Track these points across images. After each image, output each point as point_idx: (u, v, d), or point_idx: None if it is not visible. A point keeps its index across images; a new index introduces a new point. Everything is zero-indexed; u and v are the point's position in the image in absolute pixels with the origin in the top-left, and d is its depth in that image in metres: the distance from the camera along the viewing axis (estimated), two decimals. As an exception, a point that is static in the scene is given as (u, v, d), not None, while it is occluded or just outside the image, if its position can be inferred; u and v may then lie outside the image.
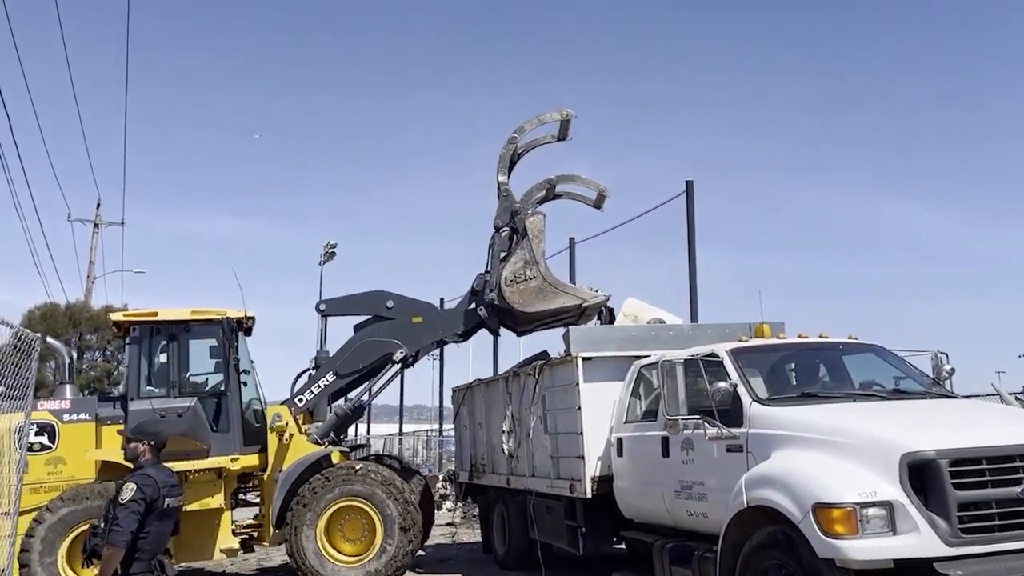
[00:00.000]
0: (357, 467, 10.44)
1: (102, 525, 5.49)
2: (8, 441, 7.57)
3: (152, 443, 5.77)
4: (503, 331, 12.06)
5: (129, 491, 5.39)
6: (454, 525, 15.81)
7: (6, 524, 7.31)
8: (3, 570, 7.16)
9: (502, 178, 11.32)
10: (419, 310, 11.62)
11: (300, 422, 11.06)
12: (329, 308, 11.70)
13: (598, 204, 11.80)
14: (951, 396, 7.41)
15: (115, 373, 31.19)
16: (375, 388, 11.70)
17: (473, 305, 11.40)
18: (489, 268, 11.34)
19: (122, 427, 9.97)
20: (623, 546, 9.78)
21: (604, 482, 8.52)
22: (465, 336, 11.87)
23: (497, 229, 11.29)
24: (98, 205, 33.83)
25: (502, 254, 11.18)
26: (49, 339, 13.50)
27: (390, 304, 11.50)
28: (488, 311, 11.23)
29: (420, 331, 11.44)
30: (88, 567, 5.71)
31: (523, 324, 11.20)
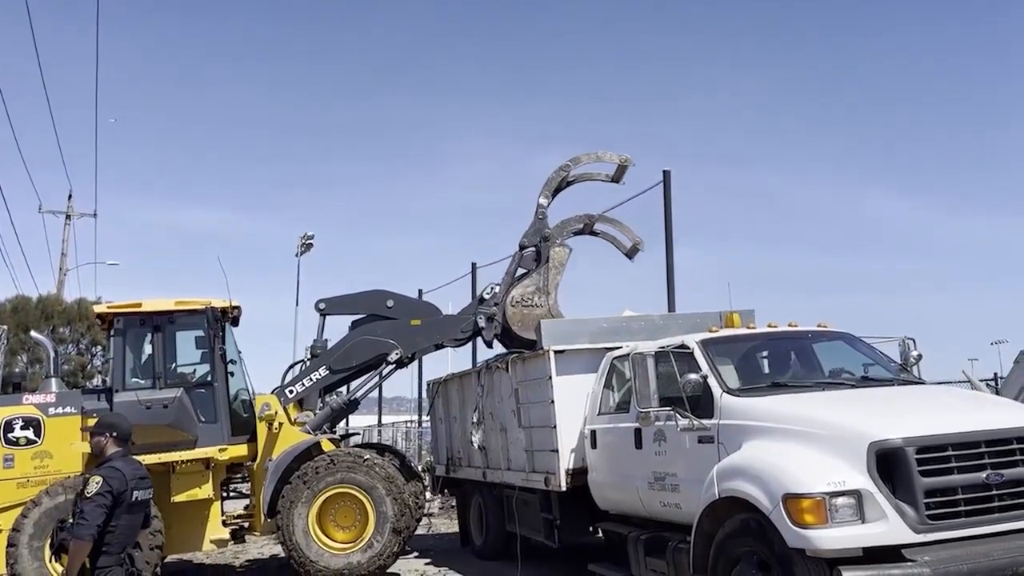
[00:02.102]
0: (365, 456, 10.41)
1: (70, 520, 5.45)
2: None
3: (114, 435, 5.68)
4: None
5: (95, 484, 5.32)
6: (431, 516, 15.80)
7: None
8: None
9: (543, 200, 11.36)
10: (419, 312, 11.70)
11: (290, 412, 11.04)
12: (329, 307, 11.68)
13: (630, 254, 11.80)
14: (919, 382, 7.48)
15: (89, 367, 30.83)
16: (369, 385, 11.69)
17: (475, 312, 11.45)
18: (502, 282, 11.44)
19: None
20: (600, 535, 9.84)
21: (579, 474, 8.53)
22: (463, 342, 11.92)
23: (522, 248, 11.36)
24: (69, 196, 33.44)
25: (520, 272, 11.27)
26: (34, 333, 13.38)
27: (390, 304, 11.54)
28: (487, 323, 11.30)
29: (417, 334, 11.47)
30: (58, 561, 5.66)
31: (515, 345, 11.22)
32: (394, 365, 11.45)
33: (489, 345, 11.73)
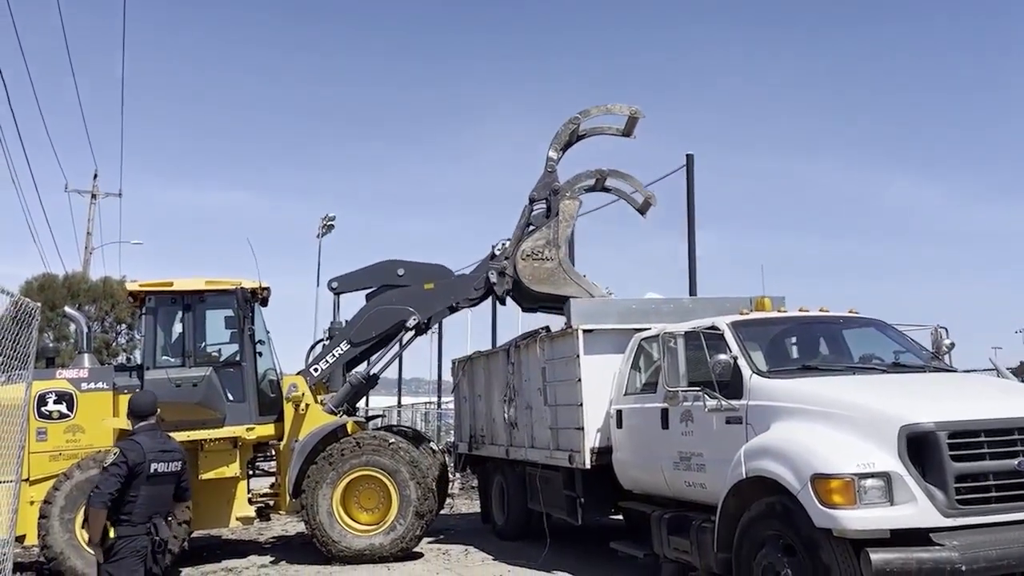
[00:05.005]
0: (390, 440, 10.47)
1: None
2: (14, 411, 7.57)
3: (129, 414, 5.90)
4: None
5: (112, 456, 5.57)
6: (453, 496, 15.91)
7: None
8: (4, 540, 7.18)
9: (552, 154, 11.30)
10: (431, 276, 11.65)
11: (315, 392, 11.11)
12: (341, 285, 11.72)
13: (643, 210, 11.72)
14: (950, 370, 7.43)
15: (114, 344, 31.22)
16: (389, 356, 11.70)
17: (488, 268, 11.43)
18: (512, 236, 11.42)
19: None
20: (620, 516, 9.88)
21: (603, 453, 8.58)
22: (477, 301, 11.87)
23: (531, 201, 11.33)
24: (95, 176, 33.68)
25: (530, 227, 11.26)
26: (67, 308, 13.62)
27: (401, 272, 11.56)
28: (499, 277, 11.28)
29: (432, 297, 11.46)
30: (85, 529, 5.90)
31: (527, 300, 11.21)
32: (413, 331, 11.45)
33: (502, 302, 11.69)
